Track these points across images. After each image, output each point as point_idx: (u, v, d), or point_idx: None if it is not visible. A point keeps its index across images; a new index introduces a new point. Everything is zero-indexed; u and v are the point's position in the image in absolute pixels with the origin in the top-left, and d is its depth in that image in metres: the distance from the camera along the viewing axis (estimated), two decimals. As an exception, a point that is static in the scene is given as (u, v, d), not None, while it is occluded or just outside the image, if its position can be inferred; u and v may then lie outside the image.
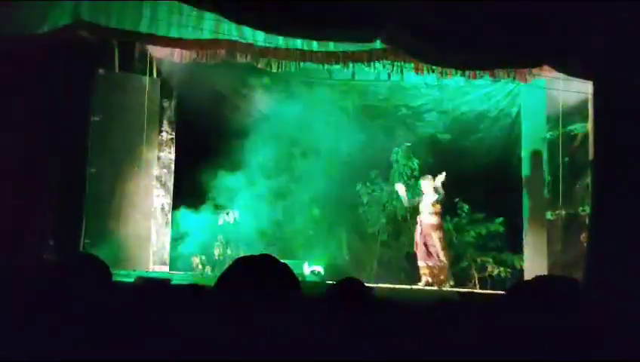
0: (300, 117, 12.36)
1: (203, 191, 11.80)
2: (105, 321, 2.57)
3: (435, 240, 11.03)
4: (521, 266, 11.42)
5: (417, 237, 11.13)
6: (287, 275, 2.45)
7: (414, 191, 12.21)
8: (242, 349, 2.21)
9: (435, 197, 11.04)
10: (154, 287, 4.69)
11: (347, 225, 12.41)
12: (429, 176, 11.24)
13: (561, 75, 9.58)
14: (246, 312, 2.29)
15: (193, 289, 4.55)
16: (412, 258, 12.41)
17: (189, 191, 11.74)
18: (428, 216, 11.11)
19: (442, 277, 10.93)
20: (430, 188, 11.11)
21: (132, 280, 6.96)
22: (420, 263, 11.06)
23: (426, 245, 11.03)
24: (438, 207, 11.14)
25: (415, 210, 11.41)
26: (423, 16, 7.85)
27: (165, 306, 3.53)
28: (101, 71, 10.42)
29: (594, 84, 9.04)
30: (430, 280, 10.84)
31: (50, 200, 9.28)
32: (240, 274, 2.43)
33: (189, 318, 2.70)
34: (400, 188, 11.36)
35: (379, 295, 3.27)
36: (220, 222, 12.01)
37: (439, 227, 11.16)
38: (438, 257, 10.96)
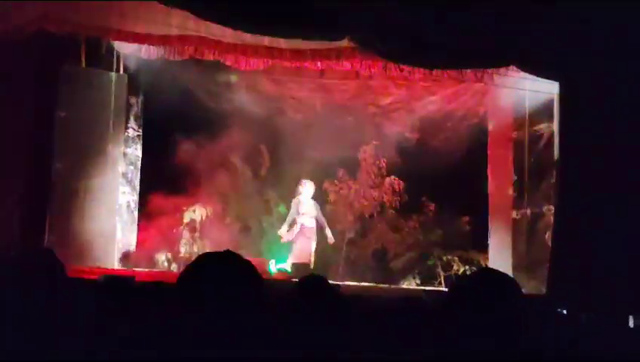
0: (268, 114, 12.34)
1: (170, 189, 11.71)
2: (59, 318, 2.52)
3: (313, 243, 11.25)
4: (486, 265, 11.48)
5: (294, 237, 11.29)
6: (249, 272, 2.42)
7: (381, 189, 12.35)
8: (205, 346, 2.19)
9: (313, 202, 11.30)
10: (118, 285, 4.65)
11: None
12: (310, 182, 11.39)
13: (527, 75, 9.65)
14: (208, 309, 2.27)
15: (158, 287, 4.52)
16: (379, 255, 12.49)
17: (155, 188, 11.63)
18: (308, 219, 11.25)
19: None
20: (310, 192, 11.25)
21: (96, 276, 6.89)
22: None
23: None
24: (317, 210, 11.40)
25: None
26: (391, 16, 7.86)
27: (129, 303, 3.50)
28: (67, 66, 10.29)
29: (560, 85, 9.13)
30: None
31: (14, 196, 9.14)
32: (202, 271, 2.41)
33: (152, 315, 2.67)
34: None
35: (344, 292, 3.26)
36: (187, 219, 11.97)
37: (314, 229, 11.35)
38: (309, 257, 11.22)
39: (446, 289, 11.25)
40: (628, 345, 4.67)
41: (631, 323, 7.74)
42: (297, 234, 11.12)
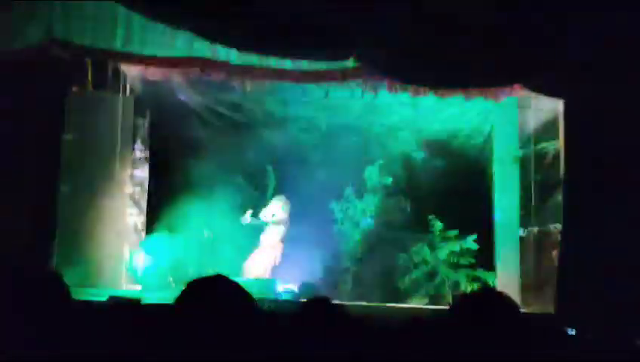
0: (274, 135, 12.39)
1: (177, 210, 11.74)
2: (64, 341, 2.53)
3: (270, 256, 11.65)
4: (494, 284, 11.45)
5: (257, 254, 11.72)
6: (240, 294, 2.42)
7: (382, 207, 12.39)
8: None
9: (275, 217, 11.73)
10: (125, 307, 4.66)
11: (321, 242, 12.39)
12: (283, 198, 11.87)
13: (532, 93, 9.68)
14: (198, 334, 2.28)
15: (165, 309, 4.53)
16: (386, 275, 12.46)
17: (162, 210, 11.67)
18: (269, 234, 11.76)
19: None
20: (278, 208, 11.68)
21: (104, 298, 6.89)
22: None
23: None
24: (280, 227, 11.84)
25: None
26: (395, 36, 7.91)
27: (135, 325, 3.51)
28: (74, 89, 10.34)
29: (565, 103, 9.15)
30: None
31: (19, 219, 9.14)
32: (191, 297, 2.41)
33: (157, 338, 2.68)
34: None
35: (351, 313, 3.26)
36: (194, 240, 11.99)
37: (275, 246, 11.78)
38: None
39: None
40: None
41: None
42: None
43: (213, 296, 2.32)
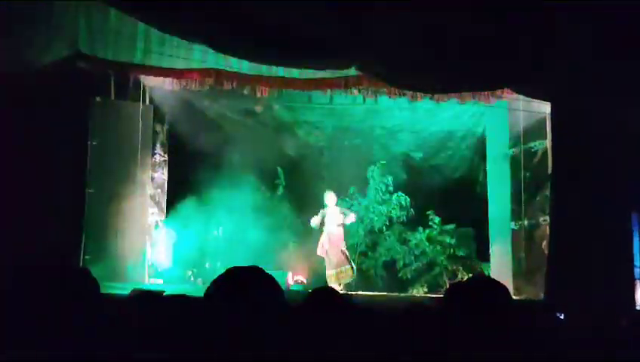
0: (283, 138, 12.42)
1: (193, 208, 11.79)
2: (93, 332, 2.55)
3: (343, 248, 11.13)
4: (489, 273, 11.46)
5: (325, 246, 11.14)
6: (273, 285, 2.48)
7: (389, 205, 12.35)
8: (229, 353, 2.23)
9: (341, 214, 11.22)
10: (148, 298, 4.67)
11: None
12: (332, 192, 11.36)
13: (521, 96, 9.69)
14: (236, 319, 2.31)
15: (185, 300, 4.55)
16: (388, 266, 12.47)
17: (180, 209, 11.72)
18: (335, 227, 11.19)
19: (349, 277, 11.06)
20: (333, 202, 11.24)
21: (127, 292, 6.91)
22: (330, 271, 11.03)
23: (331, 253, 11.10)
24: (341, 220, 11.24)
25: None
26: (392, 46, 7.92)
27: (159, 316, 3.53)
28: (98, 99, 10.37)
29: (552, 105, 9.16)
30: (339, 285, 10.78)
31: (50, 219, 9.17)
32: (231, 284, 2.45)
33: (182, 326, 2.70)
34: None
35: (355, 301, 3.28)
36: (210, 237, 12.03)
37: (342, 237, 11.23)
38: (349, 261, 11.09)
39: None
40: (619, 344, 4.67)
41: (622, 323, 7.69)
42: (327, 244, 11.12)
43: (251, 284, 2.37)
